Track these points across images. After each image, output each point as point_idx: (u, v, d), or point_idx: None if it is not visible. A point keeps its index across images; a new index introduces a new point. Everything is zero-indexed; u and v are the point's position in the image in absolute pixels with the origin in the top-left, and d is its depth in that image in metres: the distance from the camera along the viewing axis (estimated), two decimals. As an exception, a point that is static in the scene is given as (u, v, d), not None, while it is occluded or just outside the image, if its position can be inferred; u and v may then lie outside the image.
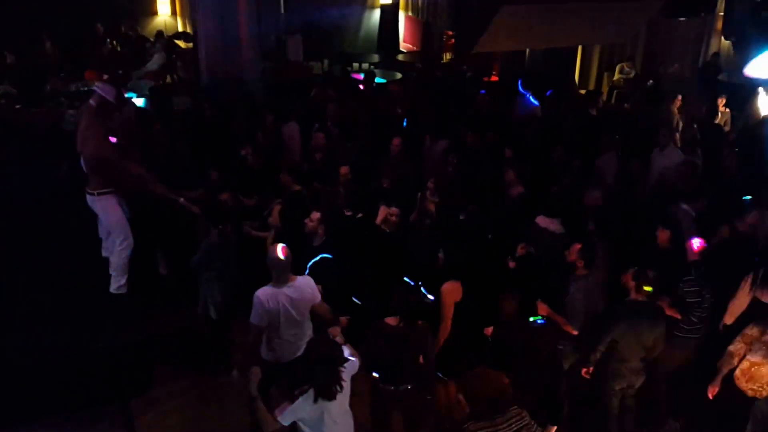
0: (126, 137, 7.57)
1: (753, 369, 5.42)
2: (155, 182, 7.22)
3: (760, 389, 5.40)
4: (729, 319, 6.28)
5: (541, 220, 7.00)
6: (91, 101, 6.64)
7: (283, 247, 5.30)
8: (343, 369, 4.45)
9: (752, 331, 5.56)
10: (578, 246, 6.12)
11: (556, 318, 5.99)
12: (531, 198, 7.75)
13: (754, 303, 6.22)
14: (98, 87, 6.72)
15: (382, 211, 6.96)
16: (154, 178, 7.27)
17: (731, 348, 5.61)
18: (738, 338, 5.63)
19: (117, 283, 6.95)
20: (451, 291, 5.87)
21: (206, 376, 6.77)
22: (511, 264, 6.48)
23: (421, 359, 5.29)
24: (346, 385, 4.49)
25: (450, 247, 6.17)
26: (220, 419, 6.13)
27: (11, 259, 7.01)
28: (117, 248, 6.92)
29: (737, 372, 5.54)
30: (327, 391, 4.33)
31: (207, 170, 8.17)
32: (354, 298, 6.75)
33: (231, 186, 7.68)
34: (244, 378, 4.97)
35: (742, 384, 5.49)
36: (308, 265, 6.17)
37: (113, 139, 6.85)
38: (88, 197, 6.83)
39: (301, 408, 4.35)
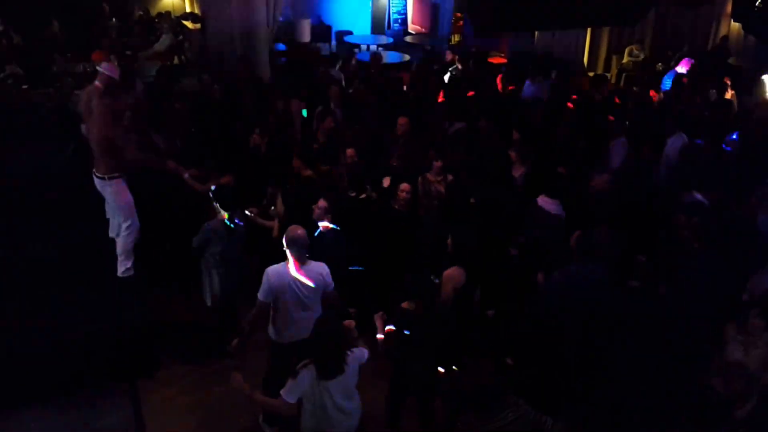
0: (136, 116, 7.56)
1: (730, 369, 5.10)
2: (161, 160, 7.20)
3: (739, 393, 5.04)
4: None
5: (542, 200, 6.95)
6: (97, 82, 6.58)
7: (300, 227, 5.33)
8: (350, 353, 4.46)
9: (729, 328, 5.38)
10: (578, 233, 6.03)
11: None
12: (536, 179, 7.68)
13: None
14: (103, 67, 6.66)
15: (386, 182, 7.03)
16: (157, 157, 7.25)
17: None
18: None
19: (123, 266, 6.96)
20: (453, 277, 5.86)
21: (212, 358, 6.80)
22: (513, 252, 6.45)
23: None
24: (352, 369, 4.50)
25: (459, 232, 6.14)
26: (227, 400, 6.15)
27: (20, 239, 7.03)
28: (123, 232, 6.91)
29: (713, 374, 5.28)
30: (328, 369, 4.36)
31: (215, 152, 8.13)
32: (357, 267, 6.82)
33: (235, 170, 7.61)
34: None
35: (721, 387, 5.11)
36: (315, 234, 6.18)
37: (122, 119, 6.85)
38: (98, 181, 6.77)
39: (303, 383, 4.37)
